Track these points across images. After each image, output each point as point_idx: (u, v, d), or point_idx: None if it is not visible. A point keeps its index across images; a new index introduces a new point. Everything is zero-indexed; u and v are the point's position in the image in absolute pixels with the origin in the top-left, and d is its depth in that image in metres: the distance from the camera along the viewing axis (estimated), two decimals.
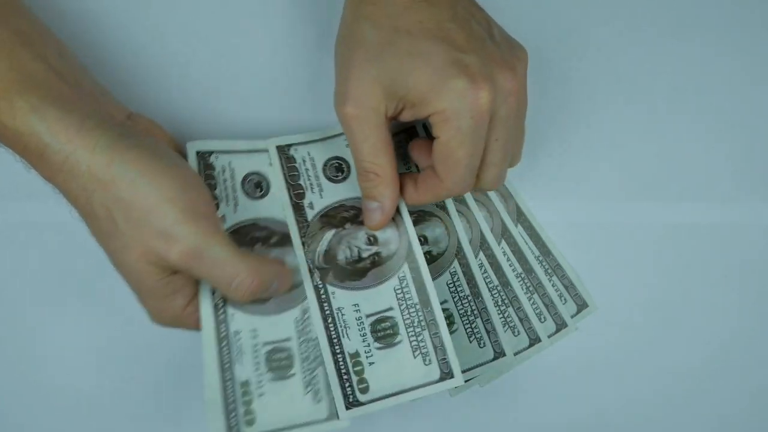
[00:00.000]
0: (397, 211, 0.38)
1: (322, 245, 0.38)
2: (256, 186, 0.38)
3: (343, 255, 0.38)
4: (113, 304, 0.41)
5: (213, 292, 0.35)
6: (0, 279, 0.41)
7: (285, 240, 0.37)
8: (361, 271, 0.38)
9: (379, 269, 0.38)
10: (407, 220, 0.38)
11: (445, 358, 0.36)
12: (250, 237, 0.37)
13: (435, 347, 0.36)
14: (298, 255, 0.38)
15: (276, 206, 0.38)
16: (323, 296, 0.37)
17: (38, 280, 0.41)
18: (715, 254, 0.44)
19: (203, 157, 0.38)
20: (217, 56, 0.42)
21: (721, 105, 0.44)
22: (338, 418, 0.34)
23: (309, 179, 0.39)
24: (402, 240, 0.38)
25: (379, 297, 0.37)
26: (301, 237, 0.38)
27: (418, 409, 0.42)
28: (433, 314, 0.37)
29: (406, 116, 0.34)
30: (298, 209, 0.39)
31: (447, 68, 0.31)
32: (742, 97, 0.44)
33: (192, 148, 0.38)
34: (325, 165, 0.40)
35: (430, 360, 0.36)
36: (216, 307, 0.35)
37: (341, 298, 0.37)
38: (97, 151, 0.30)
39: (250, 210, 0.37)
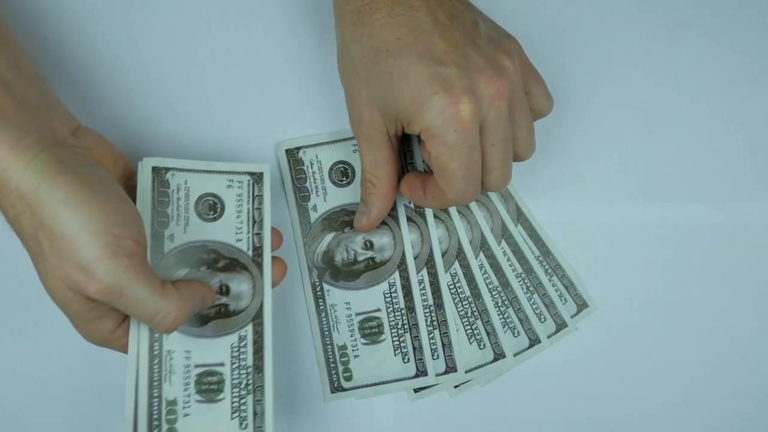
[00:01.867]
0: (396, 222, 0.41)
1: (322, 246, 0.41)
2: (210, 208, 0.37)
3: (340, 257, 0.41)
4: None
5: None
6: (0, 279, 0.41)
7: (231, 266, 0.37)
8: (355, 272, 0.41)
9: (372, 273, 0.41)
10: (405, 231, 0.41)
11: (422, 359, 0.40)
12: (196, 258, 0.36)
13: (414, 348, 0.40)
14: (299, 253, 0.40)
15: (228, 230, 0.37)
16: (319, 293, 0.41)
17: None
18: (715, 254, 0.44)
19: (158, 173, 0.37)
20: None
21: (722, 105, 0.44)
22: None
23: (315, 182, 0.41)
24: (396, 250, 0.41)
25: (369, 298, 0.41)
26: (303, 237, 0.41)
27: (418, 409, 0.42)
28: (416, 319, 0.41)
29: (408, 131, 0.35)
30: (302, 211, 0.41)
31: (425, 86, 0.32)
32: (742, 97, 0.44)
33: (147, 164, 0.37)
34: (331, 169, 0.42)
35: (408, 359, 0.40)
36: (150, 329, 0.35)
37: (335, 295, 0.41)
38: (27, 173, 0.30)
39: (200, 232, 0.37)
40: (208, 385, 0.36)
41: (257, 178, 0.38)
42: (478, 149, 0.33)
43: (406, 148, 0.42)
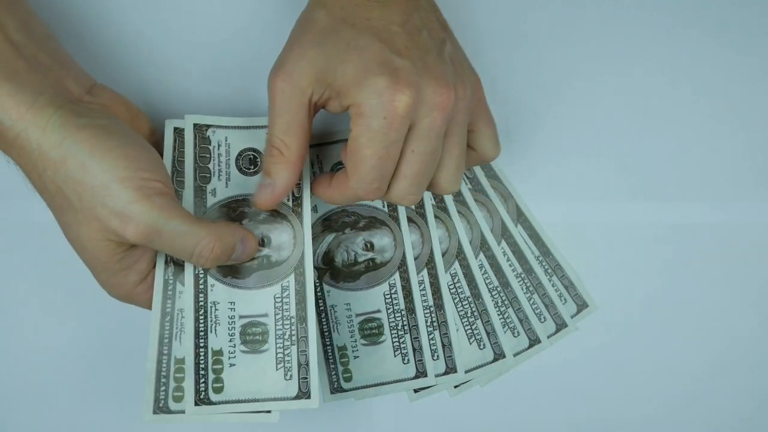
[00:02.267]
0: (397, 223, 0.41)
1: (322, 247, 0.41)
2: (251, 162, 0.38)
3: (340, 257, 0.41)
4: (107, 303, 0.41)
5: (166, 266, 0.36)
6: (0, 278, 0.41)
7: (272, 217, 0.38)
8: (355, 273, 0.41)
9: (372, 274, 0.40)
10: (406, 233, 0.41)
11: (421, 360, 0.40)
12: (239, 212, 0.38)
13: (414, 349, 0.40)
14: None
15: None
16: (319, 294, 0.40)
17: (33, 278, 0.41)
18: (715, 254, 0.44)
19: (200, 129, 0.38)
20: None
21: (722, 105, 0.44)
22: (309, 398, 0.35)
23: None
24: (397, 251, 0.40)
25: (370, 299, 0.40)
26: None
27: (418, 409, 0.42)
28: (416, 320, 0.40)
29: (333, 106, 0.34)
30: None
31: (374, 65, 0.31)
32: (742, 97, 0.44)
33: (189, 121, 0.38)
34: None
35: (408, 360, 0.40)
36: (166, 283, 0.36)
37: (335, 296, 0.40)
38: (48, 130, 0.30)
39: (242, 185, 0.38)
40: (252, 336, 0.36)
41: None
42: (398, 149, 0.32)
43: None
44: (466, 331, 0.42)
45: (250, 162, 0.38)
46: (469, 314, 0.42)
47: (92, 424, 0.42)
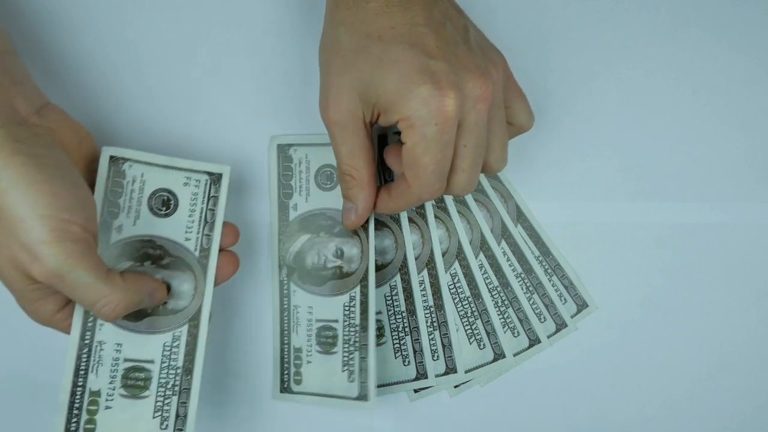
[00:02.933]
0: (398, 224, 0.41)
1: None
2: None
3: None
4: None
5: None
6: None
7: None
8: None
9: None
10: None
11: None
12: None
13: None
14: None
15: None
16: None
17: None
18: (715, 254, 0.44)
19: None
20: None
21: (722, 105, 0.44)
22: None
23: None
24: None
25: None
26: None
27: (417, 409, 0.42)
28: (417, 322, 0.40)
29: (383, 122, 0.34)
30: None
31: (414, 75, 0.32)
32: (742, 97, 0.44)
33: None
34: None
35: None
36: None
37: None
38: None
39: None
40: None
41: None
42: (452, 147, 0.33)
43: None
44: (466, 331, 0.42)
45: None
46: (469, 314, 0.42)
47: None
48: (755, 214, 0.44)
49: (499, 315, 0.42)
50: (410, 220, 0.42)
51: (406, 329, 0.41)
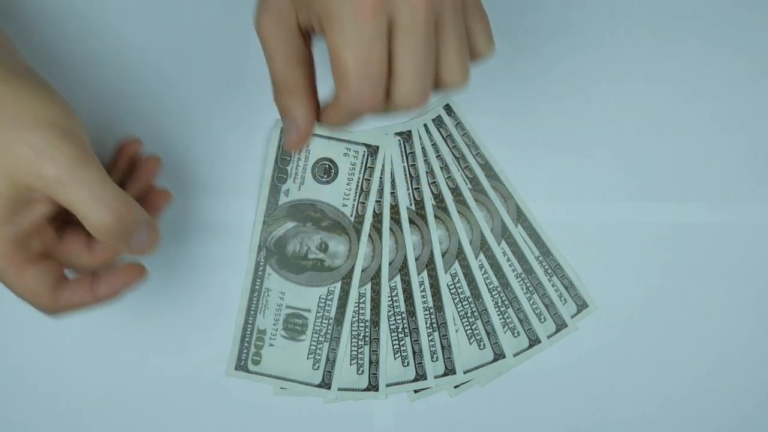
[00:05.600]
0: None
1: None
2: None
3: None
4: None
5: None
6: None
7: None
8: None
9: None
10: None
11: (421, 363, 0.41)
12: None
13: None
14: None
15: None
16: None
17: None
18: (715, 254, 0.44)
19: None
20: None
21: (722, 105, 0.44)
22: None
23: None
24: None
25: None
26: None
27: (417, 409, 0.42)
28: (416, 323, 0.41)
29: (317, 27, 0.31)
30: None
31: None
32: (742, 98, 0.44)
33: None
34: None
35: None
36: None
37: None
38: None
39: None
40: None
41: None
42: (381, 45, 0.29)
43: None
44: (466, 331, 0.42)
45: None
46: (469, 314, 0.42)
47: None
48: (755, 214, 0.44)
49: (499, 315, 0.42)
50: (410, 221, 0.42)
51: (406, 330, 0.41)
